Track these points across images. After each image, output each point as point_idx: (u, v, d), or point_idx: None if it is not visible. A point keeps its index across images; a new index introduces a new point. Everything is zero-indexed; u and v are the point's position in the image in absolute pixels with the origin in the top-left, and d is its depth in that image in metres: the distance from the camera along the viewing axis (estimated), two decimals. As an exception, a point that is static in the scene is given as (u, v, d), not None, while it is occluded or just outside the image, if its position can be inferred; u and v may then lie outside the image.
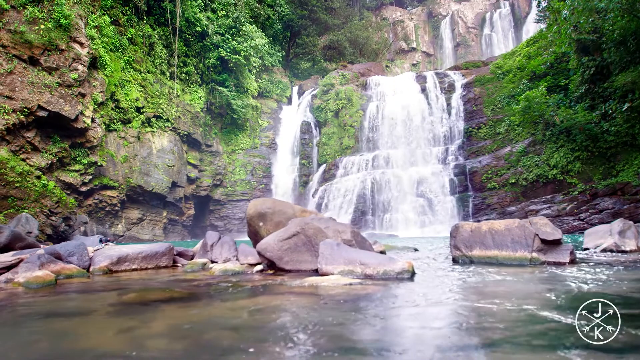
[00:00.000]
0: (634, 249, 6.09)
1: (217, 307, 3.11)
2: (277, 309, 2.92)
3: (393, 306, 2.79)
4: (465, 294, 3.25)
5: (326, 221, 4.93)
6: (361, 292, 3.25)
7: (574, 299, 2.84)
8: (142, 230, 22.89)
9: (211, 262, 5.82)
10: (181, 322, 2.61)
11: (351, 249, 4.22)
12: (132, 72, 21.71)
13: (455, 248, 5.44)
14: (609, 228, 6.63)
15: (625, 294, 2.96)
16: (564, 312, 2.46)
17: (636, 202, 16.39)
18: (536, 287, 3.36)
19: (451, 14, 57.44)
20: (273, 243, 4.84)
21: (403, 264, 3.92)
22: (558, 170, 19.53)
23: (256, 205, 5.95)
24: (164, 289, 3.86)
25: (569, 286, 3.32)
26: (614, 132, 17.91)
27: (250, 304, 3.15)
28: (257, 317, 2.70)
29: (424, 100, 26.76)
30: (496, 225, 5.13)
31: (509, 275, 4.09)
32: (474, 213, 22.14)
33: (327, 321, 2.43)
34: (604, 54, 18.67)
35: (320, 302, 3.05)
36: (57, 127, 17.10)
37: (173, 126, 24.10)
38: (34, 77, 15.88)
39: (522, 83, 23.71)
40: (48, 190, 16.06)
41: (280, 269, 4.81)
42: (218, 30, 26.09)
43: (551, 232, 4.70)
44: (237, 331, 2.38)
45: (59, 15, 16.31)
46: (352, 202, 23.41)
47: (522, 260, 4.75)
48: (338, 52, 37.53)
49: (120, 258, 5.41)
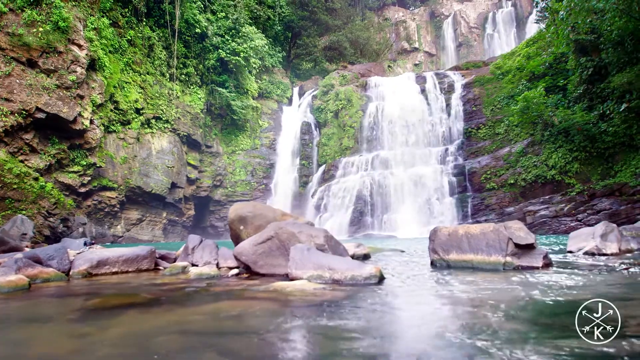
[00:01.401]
0: (614, 252, 6.08)
1: (177, 312, 3.15)
2: (234, 314, 2.96)
3: (346, 313, 2.82)
4: (425, 300, 3.27)
5: (300, 225, 4.96)
6: (321, 298, 3.28)
7: (523, 307, 2.85)
8: (142, 231, 23.01)
9: (192, 265, 5.87)
10: (136, 328, 2.66)
11: (321, 253, 4.25)
12: (131, 74, 21.84)
13: (433, 252, 5.46)
14: (592, 231, 6.62)
15: (579, 300, 2.97)
16: (511, 320, 2.48)
17: (633, 202, 16.31)
18: (498, 293, 3.37)
19: (453, 14, 57.28)
20: (248, 247, 4.88)
21: (371, 269, 3.95)
22: (556, 171, 19.46)
23: (237, 209, 5.99)
24: (133, 294, 3.91)
25: (530, 292, 3.33)
26: (611, 132, 17.82)
27: (210, 309, 3.19)
28: (210, 322, 2.74)
29: (423, 101, 26.73)
30: (472, 229, 5.14)
31: (478, 280, 4.10)
32: (473, 214, 22.08)
33: (271, 328, 2.46)
34: (602, 54, 18.59)
35: (278, 308, 3.08)
36: (56, 128, 17.23)
37: (173, 127, 24.21)
38: (32, 79, 16.01)
39: (521, 83, 23.64)
40: (46, 192, 16.19)
41: (255, 272, 4.85)
42: (218, 31, 26.18)
43: (524, 237, 4.71)
44: (185, 336, 2.43)
45: (57, 17, 16.43)
46: (351, 203, 23.43)
47: (496, 264, 4.76)
48: (338, 53, 37.54)
49: (100, 261, 5.47)
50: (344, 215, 23.19)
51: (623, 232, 7.67)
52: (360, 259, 6.71)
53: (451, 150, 24.83)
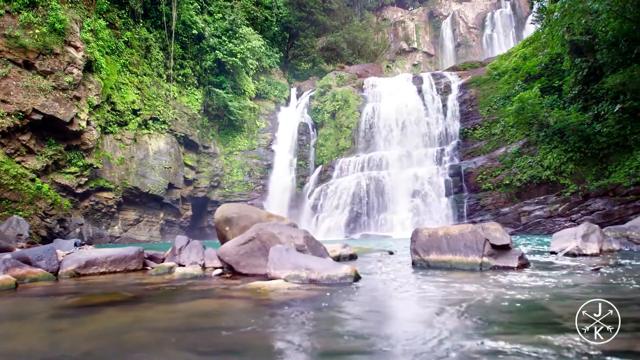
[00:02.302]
0: (595, 253, 6.18)
1: (153, 309, 3.26)
2: (205, 312, 3.06)
3: (310, 310, 2.92)
4: (392, 299, 3.37)
5: (281, 227, 5.07)
6: (292, 297, 3.39)
7: (479, 305, 2.95)
8: (139, 232, 23.13)
9: (179, 265, 5.97)
10: (110, 324, 2.77)
11: (299, 254, 4.35)
12: (128, 75, 21.96)
13: (414, 252, 5.56)
14: (574, 232, 6.71)
15: (534, 300, 3.07)
16: (463, 317, 2.58)
17: (626, 203, 16.40)
18: (464, 292, 3.47)
19: (452, 14, 57.37)
20: (231, 248, 4.99)
21: (346, 269, 4.05)
22: (551, 171, 19.54)
23: (223, 210, 6.10)
24: (114, 292, 4.02)
25: (493, 291, 3.43)
26: (606, 133, 17.90)
27: (185, 307, 3.30)
28: (181, 319, 2.85)
29: (420, 101, 26.83)
30: (451, 230, 5.24)
31: (451, 280, 4.20)
32: (468, 214, 22.18)
33: (237, 325, 2.57)
34: (597, 55, 18.68)
35: (249, 306, 3.19)
36: (52, 130, 17.35)
37: (170, 128, 24.33)
38: (28, 81, 16.14)
39: (517, 84, 23.74)
40: (42, 193, 16.31)
41: (238, 273, 4.96)
42: (214, 32, 26.30)
43: (500, 237, 4.81)
44: (155, 331, 2.54)
45: (53, 19, 16.56)
46: (347, 203, 23.53)
47: (473, 265, 4.86)
48: (336, 54, 37.65)
49: (88, 262, 5.58)
50: (341, 216, 23.30)
51: (607, 233, 7.77)
52: (347, 260, 6.82)
53: (447, 151, 24.92)
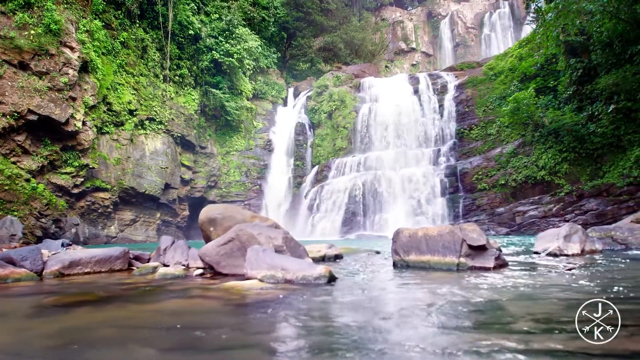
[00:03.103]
0: (576, 253, 6.23)
1: (125, 308, 3.32)
2: (175, 310, 3.13)
3: (276, 309, 2.97)
4: (361, 301, 3.42)
5: (260, 227, 5.12)
6: (263, 297, 3.44)
7: (442, 304, 3.00)
8: (136, 232, 23.20)
9: (163, 265, 6.03)
10: (78, 322, 2.84)
11: (276, 254, 4.41)
12: (124, 76, 22.02)
13: (395, 253, 5.62)
14: (557, 232, 6.77)
15: (503, 302, 3.12)
16: (426, 316, 2.63)
17: (619, 203, 16.44)
18: (433, 293, 3.52)
19: (450, 14, 57.40)
20: (212, 248, 5.05)
21: (321, 269, 4.10)
22: (546, 172, 19.58)
23: (207, 211, 6.16)
24: (91, 292, 4.08)
25: (460, 291, 3.49)
26: (600, 133, 17.93)
27: (157, 306, 3.36)
28: (150, 318, 2.91)
29: (416, 102, 26.88)
30: (430, 230, 5.30)
31: (427, 280, 4.26)
32: (464, 214, 22.23)
33: (202, 322, 2.63)
34: (592, 55, 18.71)
35: (219, 305, 3.25)
36: (48, 130, 17.41)
37: (167, 128, 24.39)
38: (24, 81, 16.20)
39: (512, 84, 23.78)
40: (37, 193, 16.38)
41: (218, 273, 5.02)
42: (211, 33, 26.36)
43: (477, 238, 4.87)
44: (121, 329, 2.61)
45: (49, 20, 16.61)
46: (343, 204, 23.59)
47: (450, 265, 4.91)
48: (333, 54, 37.69)
49: (72, 262, 5.63)
50: (336, 216, 23.36)
51: (592, 233, 7.83)
52: (332, 260, 6.88)
53: (443, 151, 24.97)
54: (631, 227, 7.72)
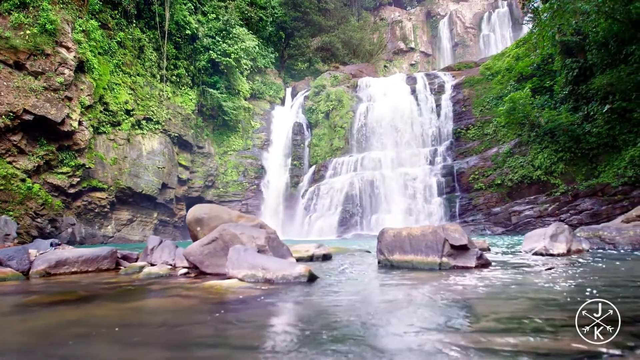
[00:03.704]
0: (562, 253, 6.26)
1: (103, 307, 3.35)
2: (151, 309, 3.16)
3: (252, 309, 3.00)
4: (338, 300, 3.45)
5: (243, 227, 5.15)
6: (240, 296, 3.48)
7: (411, 303, 3.03)
8: (132, 232, 23.23)
9: (150, 265, 6.06)
10: (55, 321, 2.88)
11: (257, 254, 4.44)
12: (121, 75, 22.04)
13: (380, 252, 5.65)
14: (544, 232, 6.79)
15: (472, 301, 3.15)
16: (392, 315, 2.66)
17: (614, 202, 16.47)
18: (411, 295, 3.55)
19: (449, 14, 57.42)
20: (196, 248, 5.08)
21: (300, 269, 4.13)
22: (542, 171, 19.61)
23: (194, 211, 6.19)
24: (73, 292, 4.11)
25: (442, 293, 3.52)
26: (595, 133, 17.95)
27: (134, 304, 3.40)
28: (124, 316, 2.95)
29: (413, 102, 26.88)
30: (414, 230, 5.33)
31: (408, 280, 4.28)
32: (460, 214, 22.26)
33: (175, 320, 2.66)
34: (588, 55, 18.73)
35: (195, 303, 3.28)
36: (44, 130, 17.43)
37: (164, 128, 24.41)
38: (19, 81, 16.22)
39: (509, 84, 23.80)
40: (33, 193, 16.41)
41: (202, 272, 5.05)
42: (208, 33, 26.38)
43: (459, 238, 4.89)
44: (93, 327, 2.65)
45: (44, 20, 16.64)
46: (340, 203, 23.60)
47: (432, 265, 4.94)
48: (331, 54, 37.69)
49: (58, 262, 5.67)
50: (333, 216, 23.38)
51: (580, 233, 7.86)
52: (320, 260, 6.90)
53: (440, 151, 24.98)
54: (619, 226, 7.75)
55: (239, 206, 28.32)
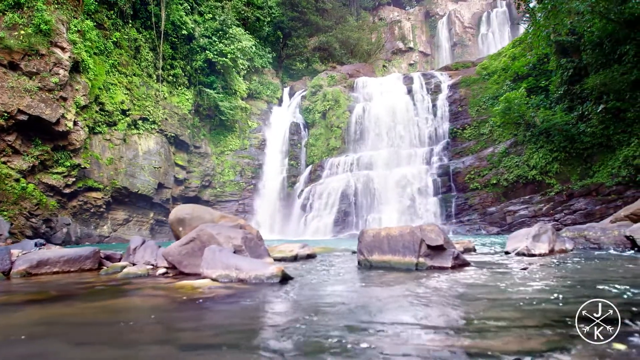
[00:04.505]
0: (544, 253, 6.27)
1: (72, 306, 3.38)
2: (118, 308, 3.20)
3: (215, 308, 3.02)
4: (306, 300, 3.46)
5: (221, 227, 5.17)
6: (209, 295, 3.49)
7: (368, 304, 3.04)
8: (129, 231, 23.27)
9: (132, 265, 6.08)
10: (17, 320, 2.91)
11: (231, 254, 4.45)
12: (117, 75, 22.07)
13: (359, 253, 5.66)
14: (528, 232, 6.80)
15: (433, 303, 3.16)
16: (340, 317, 2.68)
17: (608, 202, 16.47)
18: (375, 296, 3.56)
19: (448, 13, 57.40)
20: (174, 248, 5.10)
21: (273, 269, 4.15)
22: (537, 171, 19.61)
23: (177, 211, 6.21)
24: (45, 291, 4.14)
25: (407, 294, 3.53)
26: (589, 133, 17.94)
27: (103, 304, 3.43)
28: (90, 315, 2.99)
29: (409, 101, 26.89)
30: (392, 231, 5.34)
31: (381, 280, 4.30)
32: (456, 213, 22.28)
33: (138, 319, 2.68)
34: (583, 55, 18.72)
35: (163, 302, 3.30)
36: (39, 130, 17.47)
37: (160, 128, 24.44)
38: (14, 81, 16.26)
39: (505, 84, 23.80)
40: (27, 193, 16.45)
41: (181, 272, 5.07)
42: (205, 32, 26.40)
43: (435, 238, 4.91)
44: (55, 326, 2.69)
45: (39, 20, 16.67)
46: (336, 203, 23.62)
47: (409, 265, 4.95)
48: (328, 54, 37.70)
49: (40, 262, 5.69)
50: (329, 215, 23.40)
51: (566, 233, 7.86)
52: (304, 260, 6.92)
53: (436, 151, 24.99)
54: (604, 226, 7.76)
55: (235, 206, 28.36)
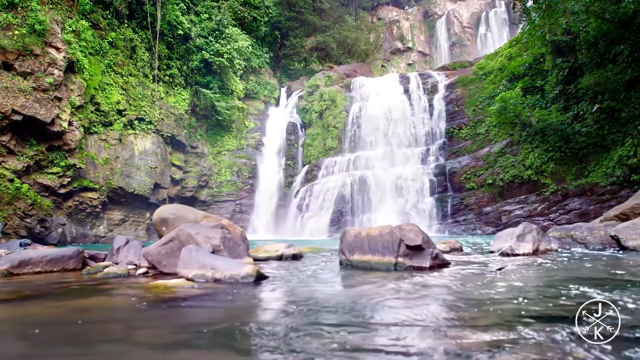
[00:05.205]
0: (527, 252, 6.26)
1: (41, 305, 3.38)
2: (88, 307, 3.21)
3: (182, 308, 3.02)
4: (275, 300, 3.47)
5: (200, 227, 5.18)
6: (180, 295, 3.50)
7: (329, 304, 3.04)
8: (125, 232, 23.26)
9: (115, 264, 6.08)
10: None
11: (208, 254, 4.46)
12: (113, 76, 22.07)
13: (341, 253, 5.67)
14: (512, 232, 6.80)
15: (394, 304, 3.16)
16: (305, 315, 2.68)
17: (602, 202, 16.45)
18: (340, 297, 3.57)
19: (447, 13, 57.38)
20: (154, 248, 5.11)
21: (248, 269, 4.15)
22: (533, 171, 19.60)
23: (160, 211, 6.22)
24: (19, 291, 4.14)
25: (374, 294, 3.53)
26: (585, 133, 17.94)
27: (72, 303, 3.44)
28: (59, 314, 3.00)
29: (406, 101, 26.89)
30: (372, 230, 5.34)
31: (358, 281, 4.30)
32: (452, 213, 22.28)
33: (102, 318, 2.69)
34: (578, 55, 18.71)
35: (132, 302, 3.31)
36: (33, 130, 17.47)
37: (156, 128, 24.44)
38: (8, 81, 16.27)
39: (501, 84, 23.79)
40: (21, 193, 16.46)
41: (161, 272, 5.07)
42: (201, 32, 26.40)
43: (413, 238, 4.90)
44: (17, 325, 2.70)
45: (33, 20, 16.68)
46: (332, 203, 23.61)
47: (388, 265, 4.95)
48: (325, 54, 37.70)
49: (22, 262, 5.69)
50: (325, 215, 23.39)
51: (553, 233, 7.86)
52: (289, 260, 6.92)
53: (433, 151, 24.98)
54: (591, 226, 7.75)
55: (232, 206, 28.36)
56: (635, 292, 3.13)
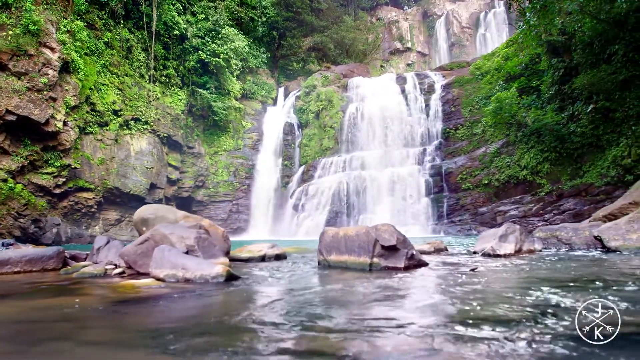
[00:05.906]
0: (509, 253, 6.24)
1: (5, 304, 3.36)
2: (49, 306, 3.21)
3: (142, 308, 3.01)
4: (240, 301, 3.45)
5: (175, 227, 5.17)
6: (145, 295, 3.50)
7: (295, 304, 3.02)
8: (121, 232, 23.28)
9: (94, 264, 6.07)
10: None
11: (180, 254, 4.45)
12: (108, 76, 22.08)
13: (319, 253, 5.66)
14: (495, 232, 6.78)
15: (357, 305, 3.15)
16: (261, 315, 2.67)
17: (596, 202, 16.39)
18: (308, 297, 3.55)
19: (446, 13, 57.33)
20: (130, 248, 5.10)
21: (219, 269, 4.15)
22: (528, 171, 19.56)
23: (141, 211, 6.22)
24: (-10, 291, 4.13)
25: (340, 295, 3.52)
26: (580, 133, 17.89)
27: (37, 302, 3.46)
28: (23, 313, 3.00)
29: (402, 102, 26.87)
30: (349, 231, 5.32)
31: (332, 281, 4.29)
32: (448, 213, 22.26)
33: (51, 319, 2.69)
34: (574, 55, 18.67)
35: (95, 302, 3.30)
36: (28, 130, 17.50)
37: (152, 128, 24.45)
38: (2, 82, 16.29)
39: (498, 84, 23.75)
40: (15, 193, 16.48)
41: (136, 272, 5.06)
42: (197, 33, 26.41)
43: (388, 239, 4.89)
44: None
45: (27, 21, 16.70)
46: (327, 203, 23.60)
47: (364, 265, 4.94)
48: (323, 54, 37.69)
49: (0, 262, 5.69)
50: (321, 215, 23.37)
51: (539, 233, 7.83)
52: (272, 260, 6.91)
53: (429, 151, 24.95)
54: (576, 227, 7.73)
55: (229, 206, 28.37)
56: (594, 294, 3.11)
